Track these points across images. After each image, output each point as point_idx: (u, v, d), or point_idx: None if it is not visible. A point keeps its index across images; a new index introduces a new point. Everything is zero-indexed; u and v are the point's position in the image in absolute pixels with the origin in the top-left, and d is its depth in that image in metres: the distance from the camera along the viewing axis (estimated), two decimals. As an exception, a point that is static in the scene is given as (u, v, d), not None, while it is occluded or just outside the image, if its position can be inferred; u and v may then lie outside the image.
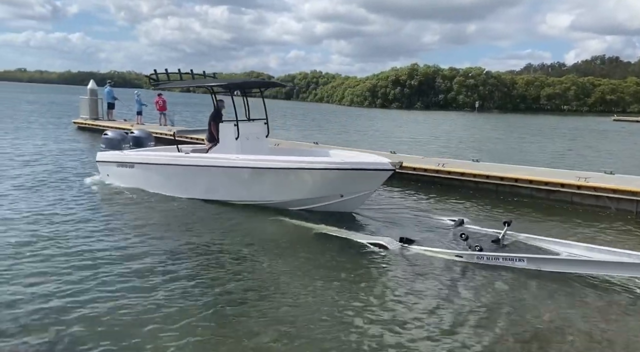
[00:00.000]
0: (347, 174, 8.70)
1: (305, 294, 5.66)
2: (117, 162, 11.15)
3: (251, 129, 10.41)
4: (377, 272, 6.49)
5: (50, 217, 8.42)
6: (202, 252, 7.06)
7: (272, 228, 8.46)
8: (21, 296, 5.27)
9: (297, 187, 9.07)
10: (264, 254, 7.02)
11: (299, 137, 23.07)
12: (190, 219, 8.84)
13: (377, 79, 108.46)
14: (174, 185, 10.26)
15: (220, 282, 5.94)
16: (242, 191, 9.56)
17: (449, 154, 18.70)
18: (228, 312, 5.14)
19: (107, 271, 6.08)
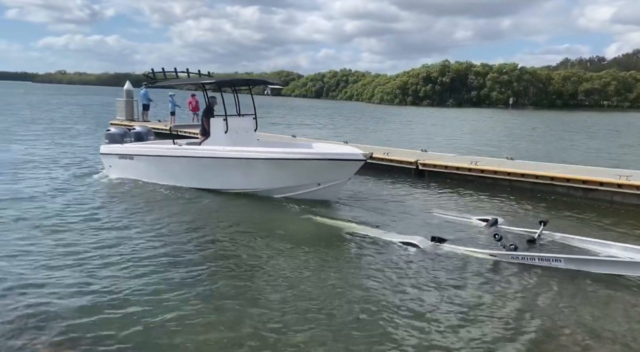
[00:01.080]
0: (323, 164, 9.49)
1: (334, 293, 5.67)
2: (118, 154, 12.08)
3: (240, 124, 11.21)
4: (408, 271, 6.42)
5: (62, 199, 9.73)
6: (228, 249, 7.17)
7: (301, 226, 8.49)
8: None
9: (279, 176, 9.85)
10: (293, 253, 7.06)
11: (330, 137, 23.09)
12: (221, 219, 8.99)
13: (407, 76, 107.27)
14: (168, 175, 11.12)
15: (246, 277, 6.02)
16: (230, 179, 10.34)
17: (482, 152, 18.34)
18: (256, 311, 5.19)
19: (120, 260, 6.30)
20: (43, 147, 17.84)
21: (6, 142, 18.49)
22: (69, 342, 4.38)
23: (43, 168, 13.45)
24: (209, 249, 7.17)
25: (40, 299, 5.18)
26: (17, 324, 4.65)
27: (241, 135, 10.91)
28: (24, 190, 10.51)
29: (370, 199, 10.54)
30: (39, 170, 13.07)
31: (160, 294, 5.45)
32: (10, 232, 7.55)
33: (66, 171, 13.08)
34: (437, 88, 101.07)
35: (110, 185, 11.57)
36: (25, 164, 13.86)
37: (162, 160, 11.27)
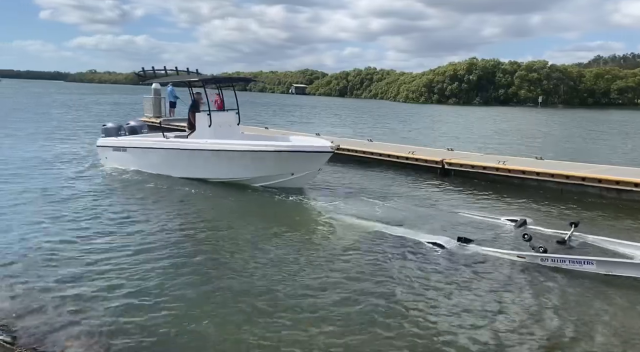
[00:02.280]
0: (295, 155, 10.44)
1: (356, 292, 5.63)
2: (113, 147, 13.13)
3: (223, 118, 12.13)
4: (432, 272, 6.34)
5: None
6: (256, 254, 7.22)
7: (324, 226, 8.47)
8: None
9: (257, 166, 10.79)
10: (316, 252, 7.05)
11: (355, 136, 22.98)
12: (232, 210, 9.06)
13: (433, 74, 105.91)
14: (157, 165, 12.15)
15: (272, 279, 6.05)
16: (212, 170, 11.29)
17: (510, 151, 17.97)
18: (285, 312, 5.22)
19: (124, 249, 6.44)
20: (64, 144, 18.12)
21: (35, 141, 19.03)
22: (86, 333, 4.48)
23: (56, 161, 14.03)
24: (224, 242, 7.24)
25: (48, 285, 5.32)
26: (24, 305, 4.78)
27: (224, 129, 11.78)
28: (36, 178, 11.78)
29: (394, 199, 10.44)
30: (51, 164, 13.71)
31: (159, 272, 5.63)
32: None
33: (75, 163, 13.96)
34: (463, 86, 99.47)
35: (104, 174, 12.61)
36: (42, 159, 14.41)
37: (152, 151, 12.28)
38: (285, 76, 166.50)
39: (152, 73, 12.89)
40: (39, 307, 4.93)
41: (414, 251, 7.10)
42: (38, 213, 8.53)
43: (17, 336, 4.24)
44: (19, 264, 6.11)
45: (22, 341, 4.15)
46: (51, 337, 4.34)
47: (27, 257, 6.35)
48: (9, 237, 7.19)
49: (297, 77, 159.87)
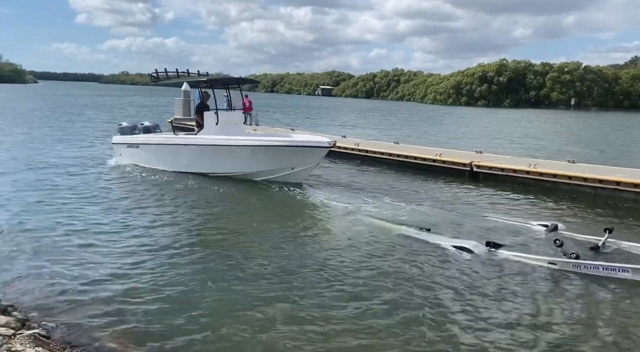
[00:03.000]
0: (294, 150, 11.08)
1: (379, 295, 5.59)
2: (127, 144, 13.92)
3: (230, 117, 12.76)
4: (460, 278, 6.23)
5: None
6: (278, 251, 7.25)
7: (350, 227, 8.42)
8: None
9: (258, 160, 11.39)
10: (342, 253, 7.02)
11: (382, 138, 22.84)
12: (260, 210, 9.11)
13: (462, 75, 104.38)
14: (167, 161, 12.85)
15: (294, 277, 6.06)
16: (218, 164, 11.90)
17: (541, 154, 17.57)
18: (308, 314, 5.23)
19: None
20: (92, 145, 18.65)
21: (62, 141, 19.65)
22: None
23: (75, 161, 14.51)
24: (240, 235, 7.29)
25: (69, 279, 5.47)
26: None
27: (230, 127, 12.36)
28: (55, 171, 12.67)
29: (420, 202, 10.33)
30: (72, 162, 14.30)
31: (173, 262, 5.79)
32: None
33: (94, 161, 14.60)
34: (493, 88, 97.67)
35: (119, 169, 13.33)
36: (68, 157, 15.01)
37: (162, 148, 13.06)
38: (311, 78, 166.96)
39: (165, 75, 13.57)
40: (72, 303, 5.06)
41: (440, 255, 7.00)
42: (59, 209, 8.87)
43: (52, 330, 4.38)
44: (49, 258, 6.29)
45: (56, 335, 4.28)
46: (84, 332, 4.45)
47: (57, 252, 6.54)
48: (37, 232, 7.42)
49: (324, 78, 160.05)
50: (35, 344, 3.61)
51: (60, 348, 3.94)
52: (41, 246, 6.80)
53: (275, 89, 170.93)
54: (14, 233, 7.33)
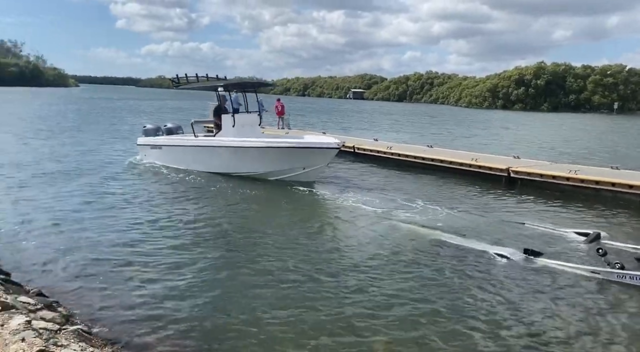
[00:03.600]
0: (305, 151, 11.70)
1: (413, 300, 5.51)
2: (150, 145, 14.70)
3: (246, 119, 13.48)
4: (496, 285, 6.07)
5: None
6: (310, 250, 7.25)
7: (384, 232, 8.33)
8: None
9: (271, 161, 11.99)
10: (376, 257, 6.97)
11: (416, 142, 22.58)
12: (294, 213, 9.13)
13: (498, 78, 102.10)
14: (186, 161, 13.56)
15: (327, 277, 6.05)
16: (233, 165, 12.55)
17: (582, 160, 16.96)
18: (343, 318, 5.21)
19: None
20: (123, 146, 19.18)
21: (106, 143, 20.32)
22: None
23: (105, 160, 15.37)
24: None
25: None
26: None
27: (247, 129, 13.04)
28: (82, 169, 13.57)
29: (455, 207, 10.14)
30: (102, 160, 15.31)
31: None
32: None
33: (120, 159, 15.56)
34: (530, 91, 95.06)
35: (143, 169, 14.12)
36: (98, 158, 15.74)
37: (182, 149, 13.85)
38: (343, 81, 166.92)
39: (185, 79, 14.27)
40: (112, 300, 5.23)
41: (476, 262, 6.85)
42: (99, 209, 9.19)
43: (93, 326, 4.53)
44: (89, 257, 6.51)
45: (98, 332, 4.42)
46: (124, 329, 4.58)
47: (96, 251, 6.76)
48: (74, 232, 7.68)
49: (355, 81, 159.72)
50: (78, 339, 3.73)
51: (101, 344, 4.07)
52: (80, 245, 7.04)
53: (306, 92, 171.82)
54: (56, 231, 7.62)
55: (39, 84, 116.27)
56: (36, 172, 12.63)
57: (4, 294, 4.29)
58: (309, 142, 12.35)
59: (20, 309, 4.03)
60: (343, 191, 11.35)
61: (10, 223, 7.94)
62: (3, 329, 3.45)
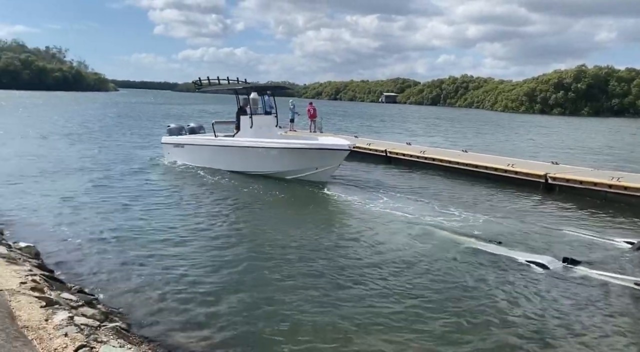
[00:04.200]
0: (317, 152, 12.30)
1: (447, 306, 5.42)
2: (174, 144, 15.43)
3: (263, 121, 14.12)
4: (532, 294, 5.90)
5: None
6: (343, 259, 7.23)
7: (416, 238, 8.21)
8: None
9: (285, 161, 12.62)
10: (409, 266, 6.87)
11: (450, 147, 22.22)
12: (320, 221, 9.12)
13: (536, 82, 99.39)
14: (207, 160, 14.20)
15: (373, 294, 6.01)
16: (250, 164, 13.23)
17: (625, 166, 16.29)
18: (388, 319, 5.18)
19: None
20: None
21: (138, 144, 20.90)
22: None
23: (137, 158, 16.50)
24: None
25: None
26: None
27: (264, 130, 13.67)
28: (114, 165, 14.85)
29: (491, 213, 9.92)
30: (133, 159, 16.36)
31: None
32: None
33: (147, 158, 16.51)
34: (570, 95, 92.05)
35: (166, 165, 15.12)
36: (129, 158, 16.53)
37: (203, 148, 14.46)
38: (375, 85, 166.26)
39: (208, 82, 14.97)
40: (149, 299, 5.37)
41: (511, 270, 6.67)
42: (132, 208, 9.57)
43: (131, 324, 4.66)
44: (126, 256, 6.70)
45: (135, 330, 4.54)
46: (160, 328, 4.69)
47: (133, 250, 6.95)
48: (106, 226, 7.93)
49: (388, 85, 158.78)
50: (117, 336, 3.85)
51: (138, 341, 4.18)
52: (119, 244, 7.26)
53: (338, 96, 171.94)
54: (95, 230, 7.89)
55: (81, 89, 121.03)
56: (73, 170, 13.45)
57: (48, 291, 4.48)
58: (321, 143, 12.87)
59: (63, 305, 4.19)
60: (374, 196, 11.28)
61: (53, 222, 8.27)
62: (48, 324, 3.59)
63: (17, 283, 4.32)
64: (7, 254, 5.41)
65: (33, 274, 4.82)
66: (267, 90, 15.37)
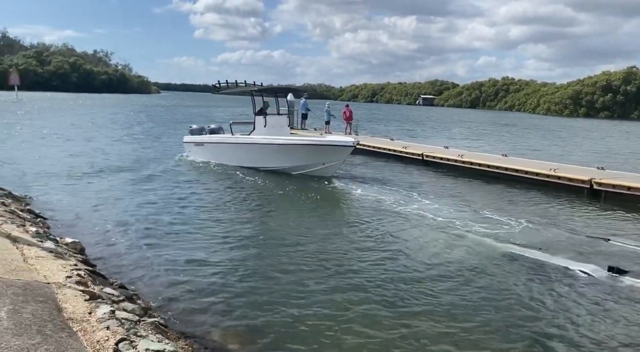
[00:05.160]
0: (324, 148, 13.24)
1: (485, 314, 5.28)
2: (195, 143, 16.53)
3: (276, 120, 15.13)
4: (576, 304, 5.68)
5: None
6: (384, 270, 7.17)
7: (452, 243, 8.03)
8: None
9: (295, 157, 13.59)
10: (445, 271, 6.73)
11: (488, 151, 21.69)
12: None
13: (581, 85, 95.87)
14: (224, 157, 15.28)
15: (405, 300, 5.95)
16: (263, 160, 14.22)
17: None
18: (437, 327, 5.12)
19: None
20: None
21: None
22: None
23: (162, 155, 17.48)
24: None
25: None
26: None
27: (276, 129, 14.66)
28: (142, 161, 15.98)
29: (532, 219, 9.61)
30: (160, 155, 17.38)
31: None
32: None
33: (171, 155, 17.50)
34: (618, 98, 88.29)
35: (189, 163, 16.05)
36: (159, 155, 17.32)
37: (220, 146, 15.54)
38: (412, 87, 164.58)
39: (225, 85, 16.04)
40: (187, 295, 5.49)
41: (553, 279, 6.44)
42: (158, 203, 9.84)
43: (169, 319, 4.78)
44: (166, 252, 6.89)
45: (173, 325, 4.66)
46: (197, 324, 4.79)
47: (173, 246, 7.13)
48: (153, 227, 8.15)
49: (426, 88, 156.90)
50: (155, 331, 3.96)
51: (176, 337, 4.28)
52: (158, 240, 7.46)
53: (374, 98, 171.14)
54: (134, 227, 8.14)
55: (125, 91, 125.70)
56: (114, 168, 14.12)
57: (92, 285, 4.66)
58: (328, 140, 13.93)
59: (105, 299, 4.34)
60: (409, 199, 11.15)
61: (94, 218, 8.59)
62: (91, 317, 3.74)
63: (64, 277, 4.52)
64: (55, 249, 5.65)
65: (78, 269, 5.02)
66: (280, 92, 16.57)
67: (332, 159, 13.17)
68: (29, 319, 3.36)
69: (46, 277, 4.40)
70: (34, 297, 3.79)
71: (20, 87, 68.51)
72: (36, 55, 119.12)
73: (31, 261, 4.79)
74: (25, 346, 2.96)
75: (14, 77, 67.96)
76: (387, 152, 18.42)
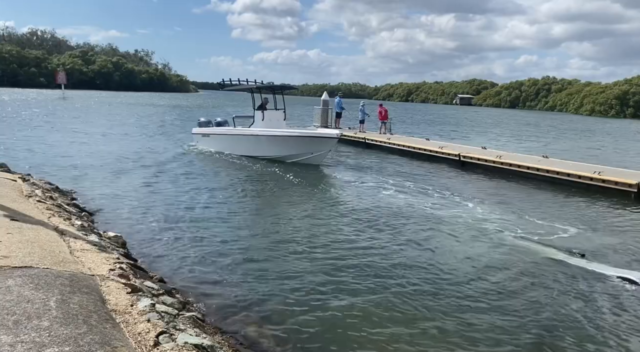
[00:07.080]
0: (311, 139, 15.16)
1: (527, 329, 5.13)
2: (202, 134, 18.55)
3: (274, 115, 16.95)
4: (621, 312, 5.45)
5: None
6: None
7: (491, 247, 7.84)
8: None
9: (287, 146, 15.41)
10: (483, 276, 6.58)
11: (528, 152, 21.03)
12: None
13: (629, 84, 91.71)
14: (227, 147, 17.21)
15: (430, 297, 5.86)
16: (260, 149, 16.07)
17: None
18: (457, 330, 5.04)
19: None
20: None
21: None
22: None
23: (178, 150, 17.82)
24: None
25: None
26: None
27: (274, 122, 16.53)
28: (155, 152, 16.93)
29: (574, 223, 9.27)
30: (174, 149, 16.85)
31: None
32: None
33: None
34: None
35: (196, 152, 17.73)
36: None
37: (223, 137, 17.44)
38: (449, 86, 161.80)
39: (230, 83, 17.65)
40: (224, 290, 5.59)
41: (597, 285, 6.20)
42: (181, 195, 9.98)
43: (206, 314, 4.88)
44: (203, 246, 7.03)
45: (210, 320, 4.76)
46: (233, 320, 4.87)
47: (209, 242, 7.27)
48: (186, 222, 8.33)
49: (463, 87, 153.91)
50: (193, 325, 4.05)
51: (213, 332, 4.37)
52: (196, 236, 7.62)
53: (410, 98, 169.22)
54: (174, 222, 8.34)
55: (164, 89, 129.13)
56: (148, 163, 14.77)
57: (133, 278, 4.80)
58: (314, 132, 16.15)
59: (146, 292, 4.47)
60: (447, 201, 10.97)
61: (135, 212, 8.85)
62: (132, 309, 3.86)
63: (107, 270, 4.68)
64: (98, 243, 5.87)
65: (120, 262, 5.19)
66: (277, 89, 17.85)
67: (319, 149, 15.06)
68: (75, 309, 3.50)
69: (91, 269, 4.56)
70: (79, 288, 3.94)
71: (67, 86, 71.76)
72: (82, 54, 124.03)
73: (77, 253, 4.98)
74: (72, 335, 3.08)
75: (61, 76, 71.37)
76: (423, 153, 18.18)
